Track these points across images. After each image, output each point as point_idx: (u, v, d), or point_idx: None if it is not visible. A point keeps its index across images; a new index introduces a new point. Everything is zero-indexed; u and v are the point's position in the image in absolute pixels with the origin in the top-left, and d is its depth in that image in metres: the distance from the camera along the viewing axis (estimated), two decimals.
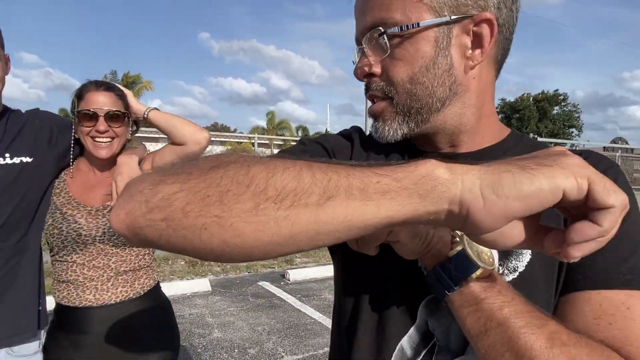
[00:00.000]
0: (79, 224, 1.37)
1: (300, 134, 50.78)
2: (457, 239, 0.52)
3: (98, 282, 1.38)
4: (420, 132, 0.65)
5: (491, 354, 0.48)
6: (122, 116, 1.40)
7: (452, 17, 0.58)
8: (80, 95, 1.38)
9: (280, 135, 40.95)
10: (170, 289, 4.82)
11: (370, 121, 0.69)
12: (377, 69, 0.63)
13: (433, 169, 0.39)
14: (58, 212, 1.38)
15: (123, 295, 1.41)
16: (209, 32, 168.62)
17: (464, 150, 0.66)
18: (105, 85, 1.41)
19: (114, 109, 1.37)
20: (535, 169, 0.38)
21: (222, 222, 0.38)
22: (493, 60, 0.64)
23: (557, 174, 0.37)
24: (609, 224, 0.37)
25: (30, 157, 1.31)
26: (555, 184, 0.37)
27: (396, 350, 0.62)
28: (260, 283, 5.68)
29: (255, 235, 0.38)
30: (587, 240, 0.38)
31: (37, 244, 1.38)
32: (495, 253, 0.57)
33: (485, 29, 0.58)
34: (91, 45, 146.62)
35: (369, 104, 0.67)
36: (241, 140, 38.19)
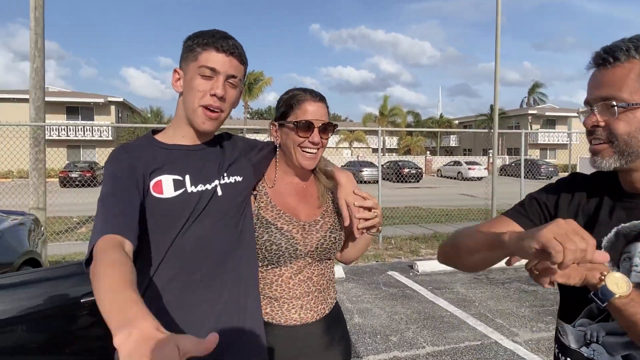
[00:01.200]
0: (296, 240, 1.33)
1: (411, 119, 49.76)
2: (604, 276, 0.83)
3: (302, 300, 1.35)
4: (627, 168, 0.91)
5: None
6: (332, 128, 1.37)
7: None
8: (294, 104, 1.33)
9: (392, 122, 40.59)
10: None
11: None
12: (602, 123, 0.91)
13: None
14: (273, 227, 1.32)
15: (321, 312, 1.38)
16: (319, 23, 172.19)
17: None
18: (320, 96, 1.37)
19: (327, 121, 1.35)
20: None
21: None
22: None
23: None
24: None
25: (240, 177, 1.30)
26: None
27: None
28: (390, 273, 5.90)
29: None
30: None
31: (253, 256, 1.34)
32: (629, 281, 0.83)
33: None
34: None
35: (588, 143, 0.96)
36: (353, 129, 38.65)
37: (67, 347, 2.10)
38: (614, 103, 0.87)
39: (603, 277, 0.82)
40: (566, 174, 1.14)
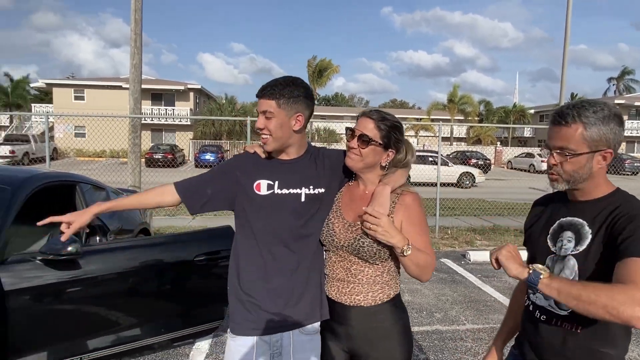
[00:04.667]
0: (335, 233, 1.64)
1: (482, 108, 47.82)
2: (531, 269, 1.23)
3: (340, 283, 1.65)
4: (571, 189, 1.39)
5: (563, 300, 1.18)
6: (368, 140, 1.59)
7: (594, 149, 1.30)
8: (357, 117, 1.69)
9: (462, 110, 39.44)
10: None
11: None
12: (557, 163, 1.36)
13: None
14: (327, 218, 1.69)
15: (355, 301, 1.62)
16: (392, 5, 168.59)
17: (582, 199, 1.39)
18: (375, 115, 1.65)
19: (365, 132, 1.60)
20: None
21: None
22: (609, 164, 1.34)
23: None
24: None
25: (323, 189, 1.68)
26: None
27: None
28: (442, 260, 6.32)
29: None
30: None
31: (319, 245, 1.71)
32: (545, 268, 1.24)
33: (608, 155, 1.32)
34: (286, 31, 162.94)
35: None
36: (420, 117, 38.11)
37: (182, 292, 2.87)
38: (567, 153, 1.31)
39: (530, 269, 1.24)
40: None
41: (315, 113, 1.82)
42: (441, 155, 8.47)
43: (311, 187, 1.70)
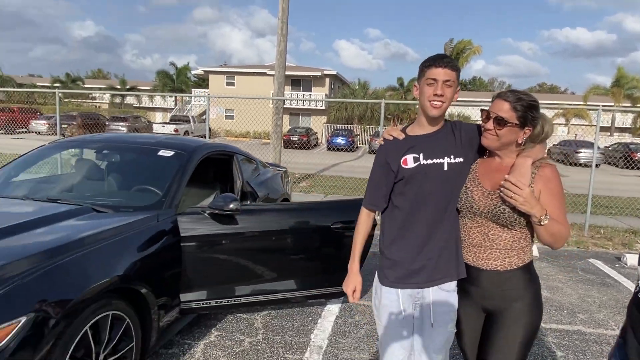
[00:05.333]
0: (473, 199, 1.75)
1: None
2: None
3: (476, 249, 1.77)
4: None
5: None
6: (504, 122, 1.67)
7: None
8: (492, 99, 1.77)
9: (629, 96, 33.63)
10: None
11: None
12: None
13: None
14: (465, 184, 1.80)
15: (492, 266, 1.74)
16: None
17: None
18: (511, 96, 1.70)
19: (500, 115, 1.68)
20: None
21: None
22: None
23: None
24: None
25: (462, 158, 1.81)
26: None
27: None
28: (591, 260, 5.66)
29: None
30: None
31: (456, 211, 1.85)
32: None
33: None
34: (422, 14, 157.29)
35: None
36: (576, 103, 33.57)
37: (318, 255, 3.14)
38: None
39: None
40: None
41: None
42: (597, 147, 7.43)
43: (452, 156, 1.82)
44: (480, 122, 1.81)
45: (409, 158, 1.82)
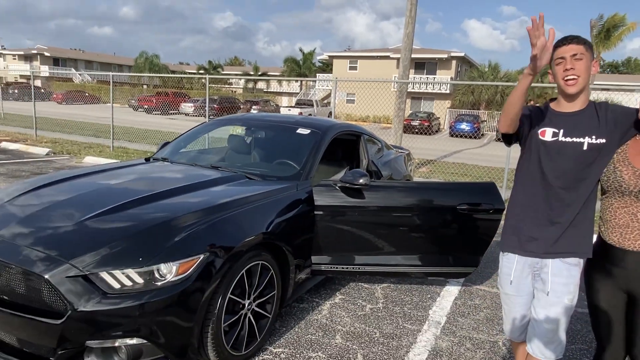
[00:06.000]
0: (623, 179, 1.75)
1: None
2: None
3: (622, 229, 1.76)
4: None
5: None
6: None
7: None
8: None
9: None
10: None
11: None
12: None
13: None
14: (612, 165, 1.79)
15: (639, 247, 1.73)
16: None
17: None
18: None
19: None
20: None
21: None
22: None
23: None
24: None
25: (604, 139, 1.79)
26: None
27: None
28: None
29: None
30: None
31: (595, 191, 1.88)
32: None
33: None
34: None
35: None
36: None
37: (442, 234, 3.22)
38: None
39: None
40: None
41: (596, 82, 1.92)
42: None
43: (594, 137, 1.81)
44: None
45: (548, 131, 1.86)
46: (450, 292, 3.73)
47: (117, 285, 2.05)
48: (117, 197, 2.59)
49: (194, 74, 46.56)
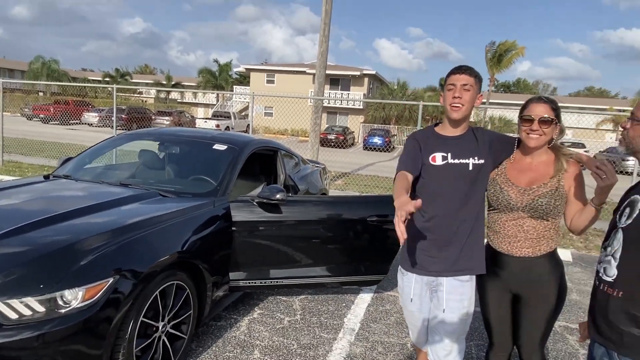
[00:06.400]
0: (510, 197, 1.97)
1: None
2: None
3: (511, 239, 1.98)
4: (630, 155, 1.57)
5: None
6: (550, 121, 1.90)
7: None
8: (524, 106, 1.98)
9: None
10: None
11: None
12: (626, 127, 1.56)
13: None
14: (498, 186, 2.01)
15: (525, 253, 1.96)
16: None
17: None
18: (546, 99, 1.96)
19: (546, 115, 1.90)
20: None
21: None
22: None
23: None
24: None
25: (483, 160, 2.01)
26: None
27: None
28: None
29: None
30: None
31: (483, 206, 2.07)
32: None
33: None
34: (467, 12, 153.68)
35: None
36: (623, 109, 32.10)
37: (355, 245, 3.40)
38: (636, 119, 1.46)
39: None
40: None
41: (491, 100, 2.14)
42: None
43: (476, 157, 2.03)
44: (522, 127, 1.96)
45: (438, 155, 2.03)
46: (363, 300, 3.92)
47: (14, 316, 1.89)
48: (13, 219, 2.38)
49: (100, 81, 43.47)
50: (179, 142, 4.00)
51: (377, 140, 24.86)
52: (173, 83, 44.91)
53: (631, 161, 20.93)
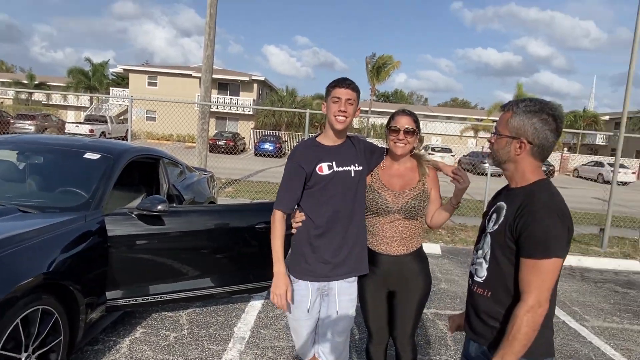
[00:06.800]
0: (387, 201, 2.14)
1: None
2: None
3: (389, 240, 2.16)
4: (496, 167, 1.61)
5: None
6: (413, 132, 2.15)
7: (513, 136, 1.50)
8: (391, 118, 2.21)
9: None
10: None
11: None
12: (491, 141, 1.61)
13: None
14: (376, 192, 2.17)
15: (401, 251, 2.16)
16: (462, 1, 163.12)
17: (513, 186, 1.57)
18: (409, 112, 2.21)
19: (410, 126, 2.13)
20: None
21: None
22: (532, 154, 1.50)
23: None
24: None
25: (361, 167, 2.19)
26: None
27: None
28: None
29: None
30: None
31: (364, 210, 2.22)
32: None
33: (523, 144, 1.49)
34: (350, 25, 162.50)
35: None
36: (481, 118, 36.84)
37: (243, 253, 3.39)
38: (497, 133, 1.56)
39: None
40: None
41: (372, 109, 2.37)
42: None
43: (356, 164, 2.19)
44: (389, 137, 2.19)
45: (324, 165, 2.12)
46: (254, 307, 3.93)
47: None
48: None
49: None
50: (42, 151, 3.59)
51: (268, 146, 24.99)
52: (37, 82, 39.65)
53: (487, 163, 24.17)
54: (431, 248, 6.54)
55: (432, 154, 24.79)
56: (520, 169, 1.53)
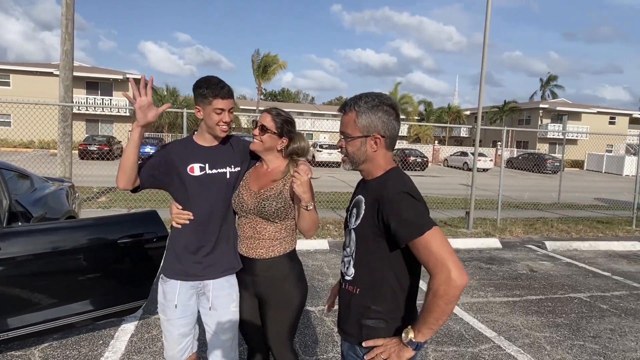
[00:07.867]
0: (244, 200, 2.07)
1: (423, 108, 49.84)
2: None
3: (248, 241, 2.07)
4: (356, 169, 1.60)
5: None
6: (266, 129, 2.04)
7: (365, 134, 1.51)
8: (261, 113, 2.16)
9: (403, 110, 40.78)
10: (299, 245, 6.15)
11: None
12: (342, 145, 1.59)
13: None
14: (238, 190, 2.11)
15: (260, 254, 2.05)
16: (341, 3, 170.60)
17: (369, 178, 1.58)
18: (273, 111, 2.10)
19: (264, 123, 2.04)
20: None
21: None
22: (385, 147, 1.54)
23: None
24: None
25: (239, 168, 2.14)
26: None
27: None
28: None
29: None
30: None
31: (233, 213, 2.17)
32: None
33: (378, 139, 1.51)
34: (234, 24, 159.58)
35: None
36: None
37: (105, 272, 2.99)
38: (347, 137, 1.54)
39: (406, 338, 1.40)
40: (575, 170, 1.76)
41: (260, 108, 2.26)
42: None
43: (232, 166, 2.13)
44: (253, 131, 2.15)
45: (196, 166, 2.06)
46: (126, 331, 3.52)
47: None
48: None
49: None
50: None
51: (149, 149, 23.24)
52: None
53: (346, 169, 25.60)
54: (319, 244, 6.61)
55: (320, 151, 25.38)
56: (376, 163, 1.55)
